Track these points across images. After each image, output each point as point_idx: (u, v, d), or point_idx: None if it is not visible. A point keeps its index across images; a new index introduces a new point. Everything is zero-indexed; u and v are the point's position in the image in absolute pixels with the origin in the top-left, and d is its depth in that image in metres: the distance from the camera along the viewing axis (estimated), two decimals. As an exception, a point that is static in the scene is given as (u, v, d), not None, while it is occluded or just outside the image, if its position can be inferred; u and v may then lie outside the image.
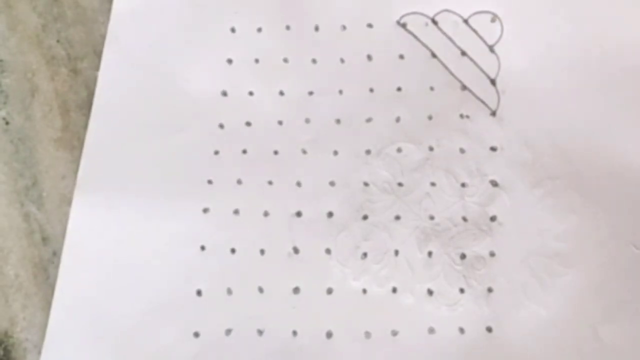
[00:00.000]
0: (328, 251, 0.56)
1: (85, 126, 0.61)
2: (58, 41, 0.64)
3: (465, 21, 0.60)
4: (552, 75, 0.59)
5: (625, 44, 0.59)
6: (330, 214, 0.57)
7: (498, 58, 0.59)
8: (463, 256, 0.55)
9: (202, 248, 0.57)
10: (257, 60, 0.62)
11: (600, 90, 0.58)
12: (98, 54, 0.63)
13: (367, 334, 0.55)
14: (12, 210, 0.60)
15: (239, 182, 0.58)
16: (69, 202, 0.59)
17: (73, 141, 0.61)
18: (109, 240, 0.57)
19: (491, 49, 0.60)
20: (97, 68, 0.62)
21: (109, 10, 0.64)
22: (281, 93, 0.61)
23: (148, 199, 0.58)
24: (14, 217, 0.60)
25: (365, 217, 0.57)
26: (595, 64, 0.59)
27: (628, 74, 0.59)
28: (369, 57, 0.61)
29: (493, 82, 0.59)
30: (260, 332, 0.55)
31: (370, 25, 0.62)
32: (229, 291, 0.56)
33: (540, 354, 0.53)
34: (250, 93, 0.61)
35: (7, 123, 0.62)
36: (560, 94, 0.58)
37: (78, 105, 0.62)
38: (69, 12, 0.64)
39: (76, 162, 0.60)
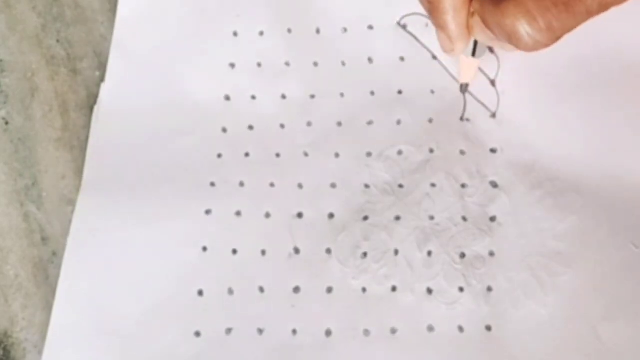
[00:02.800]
0: (328, 251, 0.56)
1: (85, 126, 0.61)
2: (58, 41, 0.64)
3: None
4: (552, 76, 0.59)
5: (624, 43, 0.59)
6: (331, 215, 0.57)
7: (498, 59, 0.59)
8: (463, 255, 0.56)
9: (204, 249, 0.57)
10: (259, 64, 0.62)
11: (600, 90, 0.59)
12: (98, 54, 0.63)
13: (367, 332, 0.55)
14: (12, 210, 0.60)
15: (241, 184, 0.59)
16: (69, 202, 0.59)
17: (73, 141, 0.61)
18: (112, 240, 0.58)
19: (491, 50, 0.60)
20: (97, 68, 0.63)
21: (109, 10, 0.64)
22: (283, 96, 0.61)
23: (151, 200, 0.58)
24: (14, 217, 0.60)
25: (365, 218, 0.57)
26: (595, 64, 0.59)
27: (627, 73, 0.59)
28: (370, 60, 0.61)
29: (493, 83, 0.59)
30: (260, 332, 0.55)
31: (370, 27, 0.62)
32: (230, 291, 0.56)
33: (540, 353, 0.53)
34: (253, 97, 0.61)
35: (7, 123, 0.62)
36: (560, 94, 0.59)
37: (78, 105, 0.62)
38: (69, 12, 0.65)
39: (76, 162, 0.60)
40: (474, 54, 0.55)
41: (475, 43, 0.55)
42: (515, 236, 0.56)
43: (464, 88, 0.58)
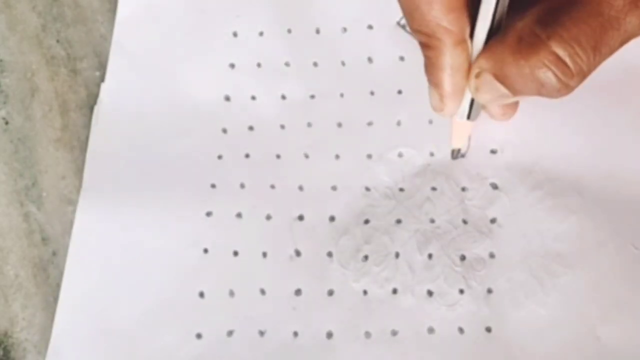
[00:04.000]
0: (329, 254, 0.57)
1: (85, 126, 0.61)
2: (58, 41, 0.64)
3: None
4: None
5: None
6: (332, 218, 0.57)
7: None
8: (463, 258, 0.56)
9: (205, 251, 0.57)
10: (259, 65, 0.62)
11: (600, 90, 0.58)
12: (98, 54, 0.63)
13: (368, 334, 0.55)
14: (12, 210, 0.60)
15: (242, 186, 0.59)
16: (69, 202, 0.59)
17: (73, 141, 0.61)
18: (113, 243, 0.58)
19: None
20: (97, 68, 0.63)
21: (108, 10, 0.64)
22: (283, 97, 0.61)
23: (152, 202, 0.58)
24: (14, 217, 0.60)
25: (366, 222, 0.57)
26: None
27: (628, 74, 0.59)
28: (370, 60, 0.61)
29: (493, 83, 0.59)
30: (261, 333, 0.55)
31: (370, 27, 0.62)
32: (231, 293, 0.56)
33: (540, 354, 0.53)
34: (253, 97, 0.61)
35: (7, 123, 0.62)
36: (560, 94, 0.59)
37: (78, 105, 0.62)
38: (69, 12, 0.65)
39: (76, 162, 0.60)
40: (468, 116, 0.54)
41: (471, 105, 0.54)
42: (516, 237, 0.56)
43: (455, 154, 0.58)
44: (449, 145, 0.58)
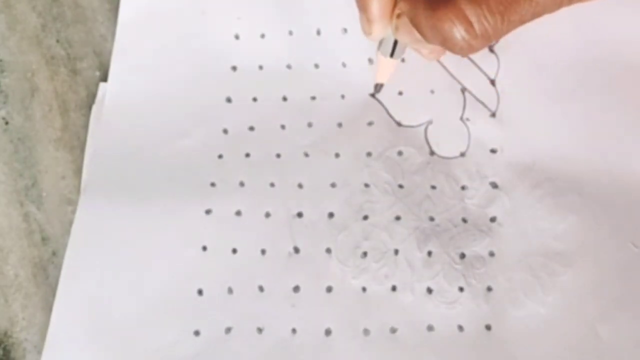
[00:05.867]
0: (328, 250, 0.57)
1: (85, 126, 0.61)
2: (58, 41, 0.64)
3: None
4: (552, 75, 0.59)
5: (625, 43, 0.59)
6: (331, 215, 0.57)
7: (498, 59, 0.59)
8: (462, 256, 0.56)
9: (204, 248, 0.57)
10: (260, 67, 0.62)
11: (600, 90, 0.58)
12: (98, 54, 0.63)
13: (366, 331, 0.55)
14: (12, 210, 0.60)
15: (242, 184, 0.59)
16: (68, 202, 0.59)
17: (73, 141, 0.61)
18: (112, 241, 0.58)
19: (491, 49, 0.60)
20: (97, 68, 0.63)
21: (108, 10, 0.64)
22: (284, 99, 0.61)
23: (152, 200, 0.58)
24: (13, 217, 0.60)
25: (365, 218, 0.57)
26: (595, 64, 0.59)
27: (628, 73, 0.59)
28: (370, 61, 0.61)
29: (493, 83, 0.59)
30: (260, 330, 0.55)
31: (371, 27, 0.62)
32: (230, 290, 0.56)
33: (539, 353, 0.53)
34: (254, 99, 0.61)
35: (7, 123, 0.62)
36: (560, 94, 0.59)
37: (78, 105, 0.62)
38: (69, 12, 0.65)
39: (76, 162, 0.60)
40: (392, 54, 0.56)
41: (395, 44, 0.55)
42: (515, 236, 0.56)
43: (378, 88, 0.59)
44: (374, 80, 0.60)
